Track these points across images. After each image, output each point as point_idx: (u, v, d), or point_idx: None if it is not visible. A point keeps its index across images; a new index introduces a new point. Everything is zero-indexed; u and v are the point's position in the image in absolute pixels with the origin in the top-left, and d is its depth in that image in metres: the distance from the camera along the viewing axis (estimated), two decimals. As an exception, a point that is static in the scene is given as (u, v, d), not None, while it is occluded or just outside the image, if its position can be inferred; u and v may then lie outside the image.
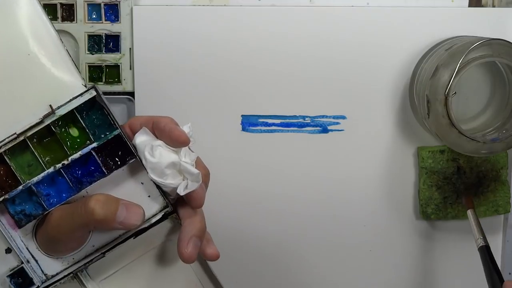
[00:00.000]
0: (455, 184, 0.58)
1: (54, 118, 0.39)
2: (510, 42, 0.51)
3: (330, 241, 0.61)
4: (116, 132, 0.39)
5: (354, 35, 0.58)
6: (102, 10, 0.57)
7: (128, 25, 0.58)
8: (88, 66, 0.58)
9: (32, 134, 0.38)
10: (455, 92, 0.51)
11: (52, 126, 0.39)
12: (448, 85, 0.50)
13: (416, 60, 0.58)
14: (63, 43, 0.40)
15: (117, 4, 0.57)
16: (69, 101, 0.39)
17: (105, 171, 0.39)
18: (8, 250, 0.40)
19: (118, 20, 0.58)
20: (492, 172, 0.58)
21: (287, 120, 0.59)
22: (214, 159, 0.59)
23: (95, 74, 0.58)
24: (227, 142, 0.59)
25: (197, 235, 0.40)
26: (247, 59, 0.58)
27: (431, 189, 0.58)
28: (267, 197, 0.60)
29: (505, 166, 0.58)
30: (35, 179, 0.38)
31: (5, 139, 0.38)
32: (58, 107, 0.39)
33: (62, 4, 0.57)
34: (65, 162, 0.39)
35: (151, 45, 0.58)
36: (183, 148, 0.41)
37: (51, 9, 0.57)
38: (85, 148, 0.39)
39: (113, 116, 0.39)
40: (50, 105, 0.39)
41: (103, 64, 0.58)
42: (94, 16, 0.58)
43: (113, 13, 0.58)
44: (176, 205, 0.42)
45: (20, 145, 0.38)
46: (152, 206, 0.41)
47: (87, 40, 0.58)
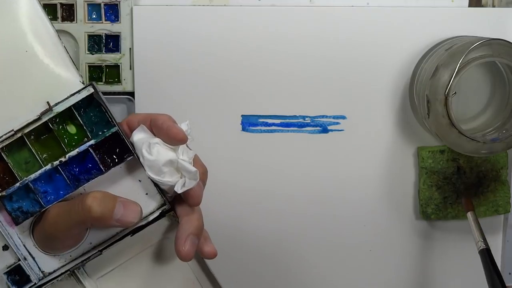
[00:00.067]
0: (455, 184, 0.58)
1: (52, 115, 0.39)
2: (510, 42, 0.51)
3: (330, 241, 0.60)
4: (114, 130, 0.39)
5: (354, 35, 0.58)
6: (102, 10, 0.57)
7: (128, 25, 0.58)
8: (88, 66, 0.58)
9: (30, 131, 0.39)
10: (455, 92, 0.51)
11: (50, 123, 0.39)
12: (448, 85, 0.50)
13: (416, 60, 0.58)
14: (61, 40, 0.40)
15: (117, 4, 0.57)
16: (67, 98, 0.39)
17: (103, 169, 0.39)
18: (5, 247, 0.39)
19: (118, 20, 0.58)
20: (492, 172, 0.58)
21: (287, 120, 0.59)
22: (214, 159, 0.59)
23: (95, 74, 0.58)
24: (227, 142, 0.59)
25: (195, 233, 0.40)
26: (247, 59, 0.58)
27: (431, 189, 0.58)
28: (267, 197, 0.60)
29: (505, 166, 0.58)
30: (33, 176, 0.38)
31: (2, 136, 0.38)
32: (56, 104, 0.39)
33: (62, 4, 0.57)
34: (63, 159, 0.39)
35: (151, 45, 0.58)
36: (181, 146, 0.40)
37: (51, 9, 0.57)
38: (83, 145, 0.39)
39: (111, 114, 0.39)
40: (48, 102, 0.39)
41: (103, 64, 0.58)
42: (94, 16, 0.58)
43: (113, 13, 0.58)
44: (174, 203, 0.42)
45: (18, 142, 0.38)
46: (150, 204, 0.41)
47: (87, 40, 0.58)
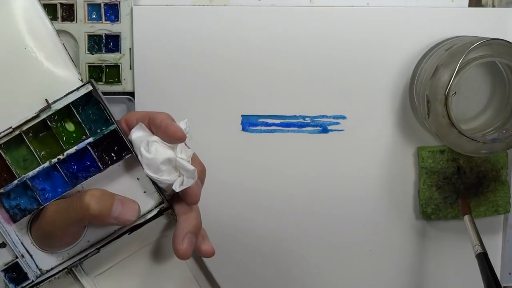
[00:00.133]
0: (455, 184, 0.58)
1: (50, 113, 0.39)
2: (510, 42, 0.51)
3: (330, 241, 0.60)
4: (112, 127, 0.39)
5: (354, 35, 0.58)
6: (102, 10, 0.57)
7: (128, 25, 0.58)
8: (88, 66, 0.58)
9: (28, 128, 0.39)
10: (455, 92, 0.51)
11: (48, 121, 0.39)
12: (448, 85, 0.50)
13: (416, 60, 0.58)
14: (60, 38, 0.40)
15: (117, 4, 0.57)
16: (65, 96, 0.39)
17: (101, 166, 0.39)
18: (3, 245, 0.39)
19: (118, 20, 0.58)
20: (492, 172, 0.58)
21: (287, 120, 0.59)
22: (214, 159, 0.59)
23: (95, 74, 0.58)
24: (227, 142, 0.59)
25: (193, 232, 0.40)
26: (247, 59, 0.58)
27: (431, 189, 0.58)
28: (267, 197, 0.60)
29: (505, 166, 0.58)
30: (31, 174, 0.38)
31: (1, 133, 0.38)
32: (54, 102, 0.39)
33: (62, 4, 0.57)
34: (61, 157, 0.39)
35: (151, 45, 0.58)
36: (179, 144, 0.40)
37: (51, 9, 0.57)
38: (81, 143, 0.39)
39: (109, 111, 0.39)
40: (46, 100, 0.39)
41: (103, 64, 0.58)
42: (94, 16, 0.58)
43: (113, 13, 0.58)
44: (172, 201, 0.42)
45: (16, 139, 0.38)
46: (148, 202, 0.41)
47: (87, 40, 0.58)
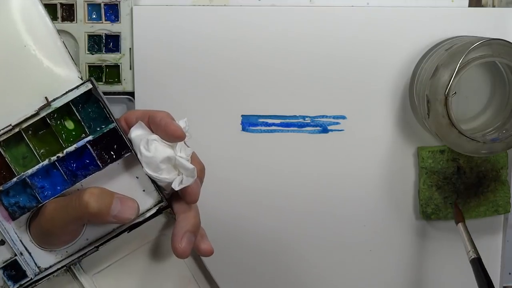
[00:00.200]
0: (455, 184, 0.58)
1: (50, 111, 0.39)
2: (510, 42, 0.51)
3: (330, 241, 0.60)
4: (112, 126, 0.39)
5: (354, 35, 0.58)
6: (102, 10, 0.57)
7: (128, 25, 0.58)
8: (88, 66, 0.58)
9: (27, 126, 0.38)
10: (455, 92, 0.50)
11: (48, 119, 0.39)
12: (448, 85, 0.50)
13: (416, 60, 0.58)
14: (60, 36, 0.40)
15: (117, 4, 0.57)
16: (65, 94, 0.39)
17: (100, 165, 0.39)
18: (1, 242, 0.39)
19: (118, 20, 0.58)
20: (492, 172, 0.58)
21: (287, 120, 0.59)
22: (214, 159, 0.59)
23: (95, 74, 0.58)
24: (227, 142, 0.59)
25: (191, 230, 0.40)
26: (247, 59, 0.58)
27: (431, 189, 0.58)
28: (267, 197, 0.59)
29: (505, 166, 0.58)
30: (30, 171, 0.38)
31: (0, 131, 0.38)
32: (54, 100, 0.39)
33: (62, 4, 0.57)
34: (60, 155, 0.39)
35: (151, 45, 0.58)
36: (179, 143, 0.40)
37: (51, 9, 0.57)
38: (80, 141, 0.39)
39: (109, 110, 0.39)
40: (46, 97, 0.39)
41: (103, 64, 0.58)
42: (94, 16, 0.58)
43: (113, 13, 0.58)
44: (171, 200, 0.42)
45: (15, 137, 0.38)
46: (147, 201, 0.41)
47: (87, 40, 0.58)
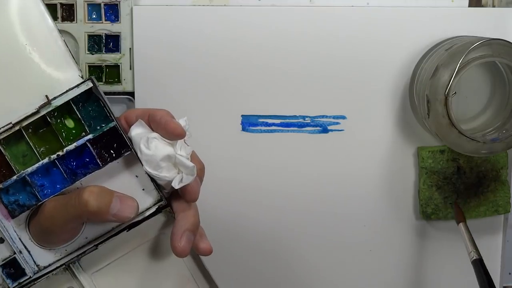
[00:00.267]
0: (455, 184, 0.58)
1: (50, 109, 0.39)
2: (510, 42, 0.51)
3: (330, 241, 0.60)
4: (112, 124, 0.39)
5: (354, 35, 0.58)
6: (102, 10, 0.57)
7: (128, 25, 0.58)
8: (88, 66, 0.58)
9: (28, 124, 0.38)
10: (455, 92, 0.50)
11: (48, 117, 0.39)
12: (448, 85, 0.50)
13: (416, 60, 0.58)
14: (61, 34, 0.40)
15: (117, 4, 0.57)
16: (65, 92, 0.39)
17: (100, 163, 0.39)
18: (1, 240, 0.39)
19: (118, 20, 0.58)
20: (492, 172, 0.58)
21: (287, 120, 0.59)
22: (214, 159, 0.59)
23: (95, 74, 0.58)
24: (227, 142, 0.59)
25: (191, 229, 0.40)
26: (247, 59, 0.58)
27: (431, 189, 0.58)
28: (267, 197, 0.59)
29: (505, 166, 0.58)
30: (30, 170, 0.38)
31: (0, 129, 0.38)
32: (54, 98, 0.39)
33: (62, 4, 0.57)
34: (60, 153, 0.39)
35: (151, 45, 0.58)
36: (179, 141, 0.40)
37: (51, 9, 0.57)
38: (80, 140, 0.39)
39: (109, 108, 0.39)
40: (46, 96, 0.39)
41: (103, 64, 0.58)
42: (94, 16, 0.58)
43: (113, 13, 0.58)
44: (170, 199, 0.42)
45: (15, 135, 0.38)
46: (146, 199, 0.41)
47: (87, 40, 0.58)
